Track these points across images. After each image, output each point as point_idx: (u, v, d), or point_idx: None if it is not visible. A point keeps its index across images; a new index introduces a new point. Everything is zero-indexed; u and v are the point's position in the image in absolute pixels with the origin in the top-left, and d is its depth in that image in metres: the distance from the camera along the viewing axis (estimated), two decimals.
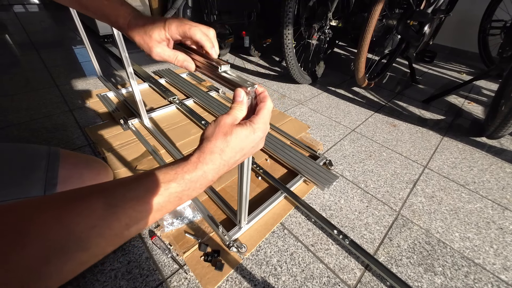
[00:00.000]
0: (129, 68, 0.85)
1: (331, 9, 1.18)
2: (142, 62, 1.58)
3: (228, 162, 0.28)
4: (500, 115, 1.00)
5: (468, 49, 2.21)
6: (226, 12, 1.54)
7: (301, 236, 0.66)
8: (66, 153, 0.56)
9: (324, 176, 0.80)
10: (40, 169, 0.50)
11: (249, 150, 0.30)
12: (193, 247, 0.60)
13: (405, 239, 0.68)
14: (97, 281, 0.53)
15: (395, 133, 1.13)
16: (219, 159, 0.27)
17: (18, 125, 0.97)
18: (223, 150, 0.27)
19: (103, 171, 0.63)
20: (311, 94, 1.42)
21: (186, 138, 0.96)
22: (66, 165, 0.54)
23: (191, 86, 1.30)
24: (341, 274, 0.58)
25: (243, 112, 0.31)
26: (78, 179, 0.56)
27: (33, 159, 0.51)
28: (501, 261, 0.64)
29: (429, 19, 1.25)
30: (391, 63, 1.59)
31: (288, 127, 1.09)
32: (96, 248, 0.20)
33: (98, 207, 0.20)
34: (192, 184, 0.26)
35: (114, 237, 0.21)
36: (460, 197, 0.82)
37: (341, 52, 2.20)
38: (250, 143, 0.29)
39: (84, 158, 0.62)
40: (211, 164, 0.27)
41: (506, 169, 0.96)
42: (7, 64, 1.45)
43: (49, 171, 0.51)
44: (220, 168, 0.28)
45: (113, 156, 0.84)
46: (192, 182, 0.26)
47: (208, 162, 0.26)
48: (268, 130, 0.33)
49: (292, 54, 1.28)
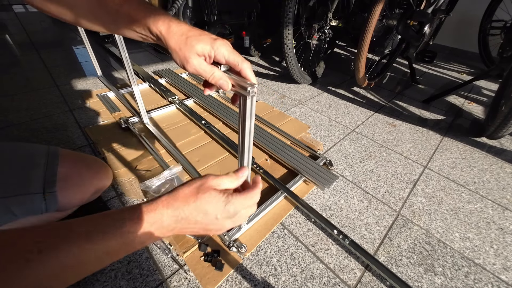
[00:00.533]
0: (129, 68, 0.85)
1: (331, 9, 1.18)
2: (142, 62, 1.58)
3: (187, 217, 0.28)
4: (500, 115, 1.00)
5: (468, 49, 2.21)
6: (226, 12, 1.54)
7: (301, 236, 0.66)
8: (66, 152, 0.56)
9: (324, 176, 0.80)
10: (39, 167, 0.50)
11: (211, 220, 0.29)
12: (193, 247, 0.60)
13: (405, 239, 0.68)
14: (97, 281, 0.53)
15: (395, 133, 1.13)
16: (181, 207, 0.27)
17: (18, 125, 0.97)
18: (187, 202, 0.28)
19: (103, 170, 0.63)
20: (311, 94, 1.42)
21: (186, 138, 0.96)
22: (66, 164, 0.54)
23: (191, 86, 1.30)
24: (341, 274, 0.58)
25: (232, 184, 0.32)
26: (77, 177, 0.56)
27: (33, 157, 0.51)
28: (501, 261, 0.64)
29: (429, 19, 1.25)
30: (391, 63, 1.59)
31: (288, 127, 1.09)
32: None
33: None
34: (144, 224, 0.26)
35: None
36: (460, 197, 0.82)
37: (341, 52, 2.20)
38: (215, 211, 0.29)
39: (84, 157, 0.62)
40: (171, 209, 0.27)
41: (506, 169, 0.96)
42: (8, 64, 1.45)
43: (48, 169, 0.51)
44: (177, 219, 0.28)
45: (113, 156, 0.84)
46: (146, 223, 0.26)
47: (169, 206, 0.27)
48: (240, 223, 0.32)
49: (292, 54, 1.28)
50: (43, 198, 0.49)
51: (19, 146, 0.53)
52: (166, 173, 0.74)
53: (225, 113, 1.09)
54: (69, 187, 0.53)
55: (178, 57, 0.32)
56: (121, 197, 0.72)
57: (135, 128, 0.97)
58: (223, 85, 0.34)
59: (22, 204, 0.47)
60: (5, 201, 0.45)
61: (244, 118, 0.38)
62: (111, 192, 0.73)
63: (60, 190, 0.51)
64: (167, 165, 0.81)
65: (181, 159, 0.84)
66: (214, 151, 0.91)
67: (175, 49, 0.32)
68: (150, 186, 0.71)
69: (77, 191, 0.55)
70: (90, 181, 0.59)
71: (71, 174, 0.54)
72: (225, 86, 0.34)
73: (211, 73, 0.33)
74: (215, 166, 0.84)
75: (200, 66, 0.32)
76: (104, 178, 0.63)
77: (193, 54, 0.32)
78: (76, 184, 0.55)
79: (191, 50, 0.31)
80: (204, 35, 0.32)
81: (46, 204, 0.49)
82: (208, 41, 0.32)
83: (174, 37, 0.31)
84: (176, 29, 0.32)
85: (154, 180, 0.72)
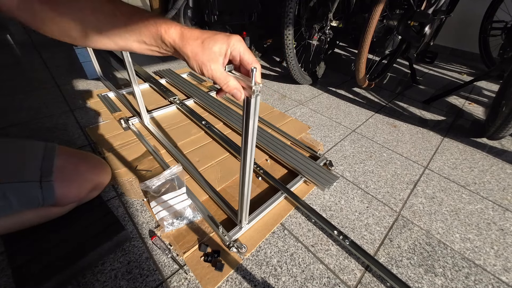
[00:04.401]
0: (130, 68, 0.85)
1: (331, 10, 1.18)
2: (143, 62, 1.59)
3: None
4: (501, 116, 1.00)
5: (468, 49, 2.21)
6: (227, 12, 1.54)
7: (301, 236, 0.66)
8: (63, 147, 0.57)
9: (324, 177, 0.80)
10: (37, 158, 0.51)
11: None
12: (193, 247, 0.60)
13: (406, 240, 0.68)
14: (97, 281, 0.53)
15: (396, 134, 1.13)
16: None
17: (19, 125, 0.97)
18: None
19: (100, 165, 0.63)
20: (311, 94, 1.42)
21: (186, 138, 0.96)
22: (62, 156, 0.55)
23: (192, 86, 1.30)
24: (341, 275, 0.58)
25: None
26: (73, 169, 0.57)
27: (31, 149, 0.52)
28: (502, 262, 0.64)
29: (430, 19, 1.25)
30: (392, 64, 1.59)
31: (289, 127, 1.09)
32: None
33: None
34: None
35: None
36: (461, 198, 0.82)
37: (341, 53, 2.20)
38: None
39: (80, 153, 0.63)
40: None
41: (507, 170, 0.96)
42: (8, 64, 1.45)
43: (45, 159, 0.52)
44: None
45: (114, 156, 0.84)
46: None
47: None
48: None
49: (293, 54, 1.28)
50: (40, 187, 0.49)
51: (18, 141, 0.54)
52: (167, 173, 0.74)
53: (226, 113, 1.09)
54: (65, 178, 0.54)
55: (195, 63, 0.32)
56: (121, 197, 0.72)
57: (135, 128, 0.97)
58: (236, 95, 0.34)
59: (20, 191, 0.47)
60: (3, 187, 0.46)
61: (248, 117, 0.38)
62: (111, 192, 0.73)
63: (57, 181, 0.52)
64: (168, 165, 0.81)
65: (182, 159, 0.84)
66: (215, 151, 0.91)
67: (192, 56, 0.32)
68: (150, 186, 0.71)
69: (73, 184, 0.56)
70: (86, 174, 0.59)
71: (67, 166, 0.55)
72: (238, 95, 0.34)
73: (225, 81, 0.33)
74: (216, 166, 0.84)
75: (216, 71, 0.32)
76: (101, 173, 0.63)
77: (211, 58, 0.32)
78: (72, 176, 0.56)
79: (209, 54, 0.31)
80: (218, 35, 0.32)
81: (42, 193, 0.50)
82: (223, 40, 0.32)
83: (189, 42, 0.31)
84: (189, 34, 0.31)
85: (154, 180, 0.72)
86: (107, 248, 0.57)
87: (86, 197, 0.62)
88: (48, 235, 0.57)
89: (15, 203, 0.47)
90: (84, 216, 0.62)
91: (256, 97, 0.35)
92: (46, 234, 0.57)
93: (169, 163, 0.83)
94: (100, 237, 0.58)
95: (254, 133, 0.42)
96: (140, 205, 0.70)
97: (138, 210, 0.69)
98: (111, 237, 0.58)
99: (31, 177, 0.49)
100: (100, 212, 0.64)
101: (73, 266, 0.53)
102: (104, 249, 0.57)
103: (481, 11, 1.89)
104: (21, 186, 0.48)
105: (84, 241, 0.57)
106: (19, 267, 0.51)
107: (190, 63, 0.32)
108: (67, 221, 0.60)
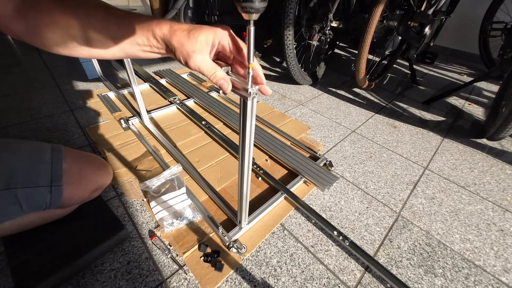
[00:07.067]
0: (130, 68, 0.85)
1: (331, 10, 1.18)
2: (143, 62, 1.59)
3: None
4: (500, 116, 1.00)
5: (468, 50, 2.21)
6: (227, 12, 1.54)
7: (301, 237, 0.66)
8: (68, 149, 0.58)
9: (324, 177, 0.80)
10: (46, 161, 0.51)
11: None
12: (193, 247, 0.60)
13: (405, 240, 0.67)
14: (97, 281, 0.53)
15: (396, 134, 1.13)
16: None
17: (19, 125, 0.97)
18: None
19: (103, 167, 0.63)
20: (311, 95, 1.42)
21: (186, 138, 0.96)
22: (68, 159, 0.55)
23: (192, 86, 1.30)
24: (341, 275, 0.58)
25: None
26: (78, 172, 0.57)
27: (38, 151, 0.53)
28: (502, 263, 0.64)
29: (430, 20, 1.25)
30: (392, 64, 1.59)
31: (289, 127, 1.09)
32: None
33: None
34: None
35: None
36: (461, 199, 0.82)
37: (341, 53, 2.20)
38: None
39: (84, 155, 0.63)
40: None
41: (507, 171, 0.96)
42: (9, 64, 1.45)
43: (54, 163, 0.52)
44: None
45: (114, 156, 0.84)
46: None
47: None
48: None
49: (293, 55, 1.29)
50: (50, 191, 0.49)
51: (24, 141, 0.54)
52: (166, 173, 0.74)
53: (226, 113, 1.09)
54: (71, 182, 0.54)
55: (181, 54, 0.31)
56: (121, 197, 0.72)
57: (135, 128, 0.97)
58: (223, 86, 0.33)
59: (30, 196, 0.48)
60: (16, 192, 0.46)
61: (245, 119, 0.38)
62: (111, 192, 0.73)
63: (64, 184, 0.52)
64: (167, 165, 0.81)
65: (181, 159, 0.84)
66: (214, 152, 0.91)
67: (177, 46, 0.31)
68: (150, 186, 0.71)
69: (78, 187, 0.56)
70: (91, 177, 0.59)
71: (73, 168, 0.55)
72: (225, 87, 0.33)
73: (213, 71, 0.32)
74: (215, 167, 0.84)
75: (202, 62, 0.31)
76: (104, 175, 0.63)
77: (196, 48, 0.31)
78: (77, 180, 0.56)
79: (194, 44, 0.31)
80: (205, 26, 0.32)
81: (51, 197, 0.50)
82: (210, 29, 0.32)
83: (176, 33, 0.31)
84: (177, 26, 0.31)
85: (154, 180, 0.72)
86: (107, 246, 0.57)
87: (88, 198, 0.62)
88: (47, 235, 0.57)
89: (25, 206, 0.47)
90: (84, 215, 0.62)
91: (253, 99, 0.35)
92: (46, 234, 0.57)
93: (169, 163, 0.83)
94: (99, 236, 0.58)
95: (251, 134, 0.42)
96: (140, 205, 0.70)
97: (138, 210, 0.69)
98: (110, 236, 0.58)
99: (43, 182, 0.49)
100: (99, 211, 0.64)
101: (72, 265, 0.53)
102: (104, 248, 0.57)
103: (481, 12, 1.90)
104: (33, 190, 0.48)
105: (83, 240, 0.57)
106: (18, 266, 0.51)
107: (177, 55, 0.32)
108: (66, 221, 0.60)
